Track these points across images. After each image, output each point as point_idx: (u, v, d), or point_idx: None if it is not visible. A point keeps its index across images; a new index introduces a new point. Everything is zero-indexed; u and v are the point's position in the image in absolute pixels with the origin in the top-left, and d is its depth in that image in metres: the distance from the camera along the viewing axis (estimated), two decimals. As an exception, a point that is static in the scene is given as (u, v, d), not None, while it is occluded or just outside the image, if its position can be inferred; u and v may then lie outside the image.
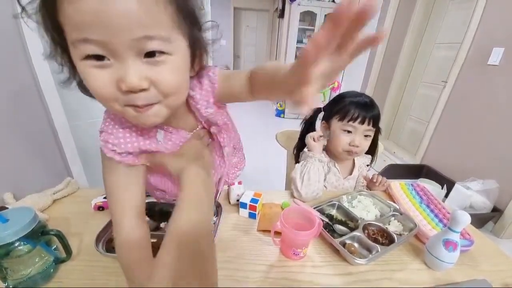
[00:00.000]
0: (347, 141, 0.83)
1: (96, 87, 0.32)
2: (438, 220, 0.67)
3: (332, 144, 0.88)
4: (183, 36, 0.35)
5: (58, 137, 0.93)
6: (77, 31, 0.29)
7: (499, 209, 1.68)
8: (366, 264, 0.55)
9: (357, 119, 0.80)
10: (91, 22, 0.27)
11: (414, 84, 2.73)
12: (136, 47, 0.30)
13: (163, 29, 0.31)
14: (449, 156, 2.10)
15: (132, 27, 0.29)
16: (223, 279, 0.51)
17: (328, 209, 0.74)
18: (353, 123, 0.81)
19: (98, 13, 0.27)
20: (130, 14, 0.28)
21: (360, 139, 0.82)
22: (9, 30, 0.75)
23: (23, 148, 0.77)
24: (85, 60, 0.30)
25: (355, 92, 0.86)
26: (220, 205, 0.69)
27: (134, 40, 0.29)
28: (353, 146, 0.82)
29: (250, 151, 0.80)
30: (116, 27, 0.28)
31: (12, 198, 0.68)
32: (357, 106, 0.80)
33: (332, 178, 0.90)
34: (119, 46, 0.29)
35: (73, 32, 0.29)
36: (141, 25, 0.29)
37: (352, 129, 0.82)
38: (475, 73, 1.89)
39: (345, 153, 0.85)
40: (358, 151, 0.84)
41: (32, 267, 0.47)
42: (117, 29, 0.28)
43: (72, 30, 0.29)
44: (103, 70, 0.31)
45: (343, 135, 0.83)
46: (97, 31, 0.28)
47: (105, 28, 0.28)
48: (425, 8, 2.50)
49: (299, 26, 3.95)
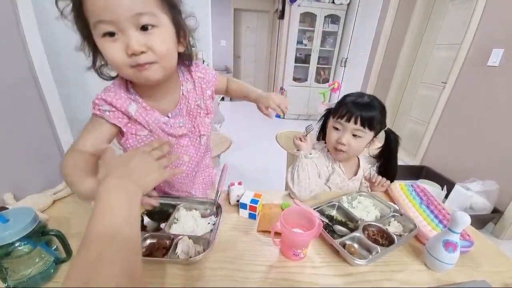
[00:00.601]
0: (335, 138, 0.83)
1: (112, 57, 0.47)
2: (438, 221, 0.67)
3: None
4: (166, 15, 0.49)
5: (58, 137, 0.93)
6: (95, 16, 0.44)
7: (499, 210, 1.68)
8: (366, 265, 0.55)
9: (345, 116, 0.80)
10: (103, 8, 0.43)
11: (414, 85, 2.74)
12: (134, 22, 0.45)
13: (150, 8, 0.46)
14: (449, 157, 2.10)
15: (131, 7, 0.44)
16: (223, 279, 0.51)
17: (328, 210, 0.74)
18: (340, 120, 0.81)
19: (106, 2, 0.43)
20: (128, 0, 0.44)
21: (348, 137, 0.81)
22: (9, 30, 0.75)
23: (23, 149, 0.77)
24: (103, 37, 0.46)
25: (359, 92, 0.86)
26: (220, 206, 0.69)
27: (132, 16, 0.44)
28: (339, 143, 0.82)
29: (250, 151, 0.80)
30: (119, 9, 0.43)
31: (13, 199, 0.68)
32: (351, 103, 0.80)
33: (336, 179, 0.90)
34: (122, 22, 0.44)
35: (92, 17, 0.45)
36: (136, 5, 0.44)
37: (340, 127, 0.82)
38: (475, 74, 1.89)
39: (333, 150, 0.86)
40: (345, 150, 0.83)
41: (33, 268, 0.47)
42: (120, 9, 0.43)
43: (91, 16, 0.45)
44: (115, 43, 0.46)
45: (332, 131, 0.84)
46: (107, 13, 0.43)
47: (112, 10, 0.43)
48: (425, 8, 2.50)
49: (299, 27, 3.95)
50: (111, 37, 0.46)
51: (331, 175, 0.90)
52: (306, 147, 0.85)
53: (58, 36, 1.27)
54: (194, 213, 0.68)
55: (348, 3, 3.72)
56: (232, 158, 2.76)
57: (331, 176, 0.89)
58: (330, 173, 0.90)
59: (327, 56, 4.26)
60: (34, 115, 0.83)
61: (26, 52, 0.80)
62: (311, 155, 0.84)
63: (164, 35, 0.50)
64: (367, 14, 3.26)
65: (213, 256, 0.56)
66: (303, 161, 0.80)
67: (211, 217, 0.67)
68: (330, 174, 0.90)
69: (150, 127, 0.60)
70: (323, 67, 4.28)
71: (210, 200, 0.71)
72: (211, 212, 0.69)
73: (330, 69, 4.23)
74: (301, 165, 0.79)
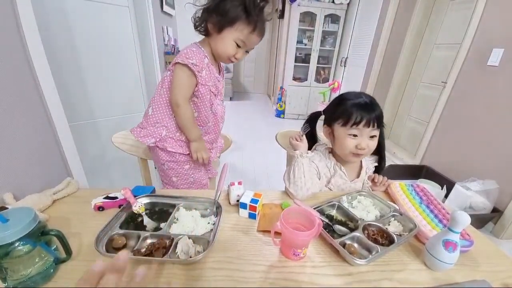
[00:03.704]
0: (354, 144, 0.81)
1: (227, 49, 0.83)
2: (438, 220, 0.67)
3: (337, 148, 0.87)
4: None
5: (58, 137, 0.92)
6: (244, 41, 0.82)
7: (499, 209, 1.69)
8: (366, 264, 0.55)
9: (361, 122, 0.79)
10: (252, 44, 0.86)
11: (414, 85, 2.74)
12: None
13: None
14: (449, 157, 2.10)
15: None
16: (223, 279, 0.51)
17: (328, 210, 0.74)
18: (357, 126, 0.79)
19: (255, 43, 0.86)
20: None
21: (366, 141, 0.81)
22: (9, 30, 0.75)
23: (23, 148, 0.77)
24: (234, 42, 0.81)
25: (354, 92, 0.85)
26: (220, 206, 0.69)
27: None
28: (359, 149, 0.81)
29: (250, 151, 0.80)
30: (254, 45, 0.87)
31: (12, 198, 0.68)
32: (358, 108, 0.79)
33: (338, 181, 0.89)
34: (249, 50, 0.88)
35: (243, 39, 0.81)
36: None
37: (358, 133, 0.81)
38: (475, 74, 1.89)
39: (351, 155, 0.84)
40: (365, 153, 0.83)
41: (32, 267, 0.47)
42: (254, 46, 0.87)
43: (244, 38, 0.81)
44: (238, 48, 0.83)
45: (349, 139, 0.82)
46: (252, 46, 0.86)
47: (253, 45, 0.86)
48: (425, 8, 2.50)
49: (299, 27, 3.95)
50: (238, 47, 0.83)
51: (332, 177, 0.89)
52: (302, 147, 0.85)
53: (58, 36, 1.28)
54: (194, 213, 0.68)
55: (348, 3, 3.72)
56: (232, 158, 2.76)
57: (333, 178, 0.89)
58: (332, 175, 0.90)
59: (327, 56, 4.27)
60: (34, 115, 0.83)
61: (26, 52, 0.80)
62: (307, 154, 0.84)
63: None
64: (367, 14, 3.26)
65: (213, 256, 0.56)
66: (299, 160, 0.80)
67: (211, 217, 0.67)
68: (332, 176, 0.89)
69: (211, 78, 0.87)
70: (323, 67, 4.28)
71: (210, 200, 0.71)
72: (211, 212, 0.69)
73: (330, 69, 4.23)
74: (297, 164, 0.79)
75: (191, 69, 0.81)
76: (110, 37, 1.49)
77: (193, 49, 0.82)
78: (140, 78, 1.75)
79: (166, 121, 0.89)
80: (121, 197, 0.71)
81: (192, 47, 0.84)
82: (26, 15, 0.79)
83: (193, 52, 0.81)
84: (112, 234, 0.58)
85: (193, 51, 0.82)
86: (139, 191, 0.74)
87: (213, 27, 0.81)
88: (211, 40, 0.85)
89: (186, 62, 0.80)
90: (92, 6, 1.37)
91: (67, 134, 0.97)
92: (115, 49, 1.54)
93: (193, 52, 0.81)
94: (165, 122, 0.89)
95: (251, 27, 0.79)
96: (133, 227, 0.64)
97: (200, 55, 0.82)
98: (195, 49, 0.83)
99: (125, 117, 1.70)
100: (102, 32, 1.45)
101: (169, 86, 0.86)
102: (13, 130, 0.73)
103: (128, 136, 1.04)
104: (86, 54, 1.39)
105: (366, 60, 3.20)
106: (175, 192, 0.79)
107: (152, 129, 0.89)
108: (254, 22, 0.79)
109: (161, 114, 0.88)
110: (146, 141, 0.89)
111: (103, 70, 1.50)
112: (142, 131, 0.90)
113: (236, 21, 0.78)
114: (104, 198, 0.71)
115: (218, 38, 0.82)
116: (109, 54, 1.51)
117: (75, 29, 1.32)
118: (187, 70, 0.81)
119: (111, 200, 0.71)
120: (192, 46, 0.85)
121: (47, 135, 0.89)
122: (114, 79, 1.57)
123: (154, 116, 0.88)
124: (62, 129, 0.94)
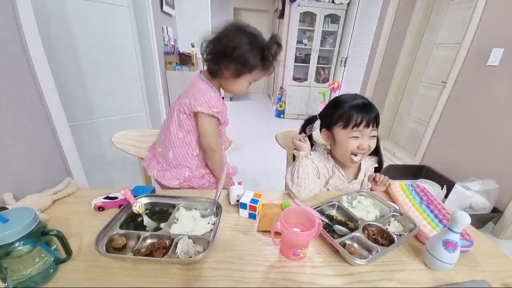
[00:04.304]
0: (356, 145, 0.82)
1: (242, 88, 0.87)
2: (438, 220, 0.67)
3: (337, 151, 0.87)
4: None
5: (58, 137, 0.92)
6: (254, 77, 0.87)
7: (499, 209, 1.69)
8: (366, 264, 0.55)
9: (362, 123, 0.79)
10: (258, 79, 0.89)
11: (413, 84, 2.74)
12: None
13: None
14: (449, 157, 2.10)
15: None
16: (223, 279, 0.51)
17: (328, 210, 0.74)
18: (358, 128, 0.80)
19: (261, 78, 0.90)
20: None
21: (367, 141, 0.82)
22: (10, 35, 0.75)
23: (23, 149, 0.77)
24: (249, 83, 0.88)
25: (348, 95, 0.85)
26: (220, 206, 0.69)
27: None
28: (361, 149, 0.82)
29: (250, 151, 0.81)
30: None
31: (12, 198, 0.68)
32: (358, 110, 0.79)
33: (336, 182, 0.90)
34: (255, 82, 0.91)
35: (254, 79, 0.88)
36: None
37: (359, 134, 0.81)
38: (475, 74, 1.89)
39: (353, 156, 0.84)
40: (366, 152, 0.84)
41: (32, 267, 0.47)
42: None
43: (255, 74, 0.85)
44: (249, 83, 0.88)
45: (351, 140, 0.82)
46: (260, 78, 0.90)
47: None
48: (425, 8, 2.50)
49: (299, 27, 3.95)
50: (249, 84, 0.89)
51: (330, 178, 0.90)
52: (305, 147, 0.85)
53: (58, 36, 1.28)
54: (194, 213, 0.68)
55: (348, 3, 3.72)
56: (232, 158, 2.76)
57: (331, 179, 0.89)
58: (330, 176, 0.90)
59: (327, 56, 4.26)
60: (34, 115, 0.83)
61: (26, 52, 0.80)
62: (311, 155, 0.84)
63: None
64: (367, 14, 3.26)
65: (213, 256, 0.56)
66: (304, 161, 0.80)
67: (211, 217, 0.67)
68: (330, 177, 0.90)
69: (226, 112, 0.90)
70: (323, 67, 4.28)
71: (210, 200, 0.71)
72: (211, 212, 0.69)
73: (330, 69, 4.23)
74: (301, 165, 0.79)
75: (216, 116, 0.85)
76: (110, 37, 1.49)
77: (212, 94, 0.84)
78: (140, 78, 1.75)
79: (188, 162, 0.90)
80: (121, 197, 0.71)
81: (209, 91, 0.84)
82: (26, 15, 0.79)
83: (213, 98, 0.83)
84: (112, 234, 0.58)
85: (212, 97, 0.83)
86: (139, 191, 0.74)
87: (231, 73, 0.82)
88: (222, 79, 0.86)
89: (212, 113, 0.83)
90: (92, 6, 1.37)
91: (67, 134, 0.97)
92: (115, 49, 1.54)
93: (213, 99, 0.83)
94: (188, 163, 0.90)
95: (266, 71, 0.87)
96: (133, 227, 0.64)
97: (219, 99, 0.85)
98: (214, 94, 0.84)
99: (125, 117, 1.70)
100: (102, 32, 1.45)
101: (188, 129, 0.87)
102: (13, 130, 0.73)
103: (128, 136, 1.04)
104: (86, 54, 1.39)
105: (366, 60, 3.20)
106: (175, 192, 0.79)
107: (175, 171, 0.90)
108: (269, 66, 0.86)
109: (183, 156, 0.89)
110: (171, 183, 0.90)
111: (103, 70, 1.50)
112: (166, 174, 0.91)
113: (255, 69, 0.83)
114: (104, 198, 0.71)
115: (234, 81, 0.85)
116: (109, 54, 1.51)
117: (75, 29, 1.32)
118: (213, 118, 0.86)
119: (111, 200, 0.71)
120: (206, 87, 0.85)
121: (47, 135, 0.89)
122: (114, 79, 1.57)
123: (176, 160, 0.90)
124: (62, 129, 0.94)
